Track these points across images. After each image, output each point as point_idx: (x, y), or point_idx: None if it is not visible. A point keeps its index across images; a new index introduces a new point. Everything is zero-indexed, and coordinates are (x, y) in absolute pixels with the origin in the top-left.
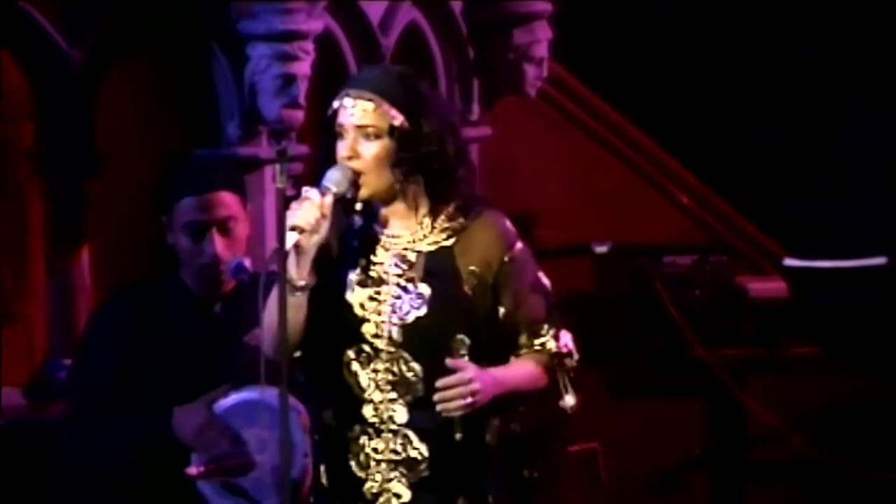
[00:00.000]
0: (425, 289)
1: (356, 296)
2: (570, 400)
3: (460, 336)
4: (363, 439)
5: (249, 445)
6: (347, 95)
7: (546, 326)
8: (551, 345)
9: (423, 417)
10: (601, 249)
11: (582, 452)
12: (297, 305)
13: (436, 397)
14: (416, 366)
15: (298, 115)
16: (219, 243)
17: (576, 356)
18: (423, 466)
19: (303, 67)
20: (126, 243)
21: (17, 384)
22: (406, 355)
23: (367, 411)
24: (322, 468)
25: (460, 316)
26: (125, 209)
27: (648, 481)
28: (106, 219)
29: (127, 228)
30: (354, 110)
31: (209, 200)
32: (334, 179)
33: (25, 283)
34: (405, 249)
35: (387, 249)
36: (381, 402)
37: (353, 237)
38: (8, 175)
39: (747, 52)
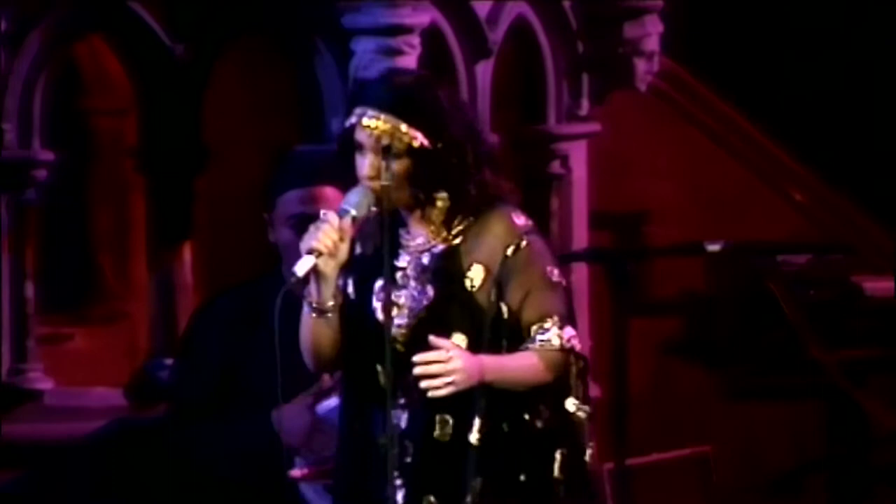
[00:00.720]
0: (430, 290)
1: (381, 302)
2: (577, 406)
3: (459, 335)
4: (385, 447)
5: None
6: (365, 114)
7: (550, 321)
8: (556, 341)
9: (418, 421)
10: (714, 248)
11: (694, 455)
12: (326, 326)
13: (416, 371)
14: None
15: None
16: None
17: (582, 358)
18: (414, 468)
19: (408, 62)
20: (229, 240)
21: (118, 384)
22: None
23: (392, 417)
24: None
25: (461, 314)
26: (229, 206)
27: (764, 484)
28: (209, 215)
29: (230, 225)
30: (374, 131)
31: (314, 194)
32: (354, 202)
33: (127, 281)
34: (421, 252)
35: (409, 254)
36: (401, 406)
37: (383, 247)
38: (110, 171)
39: (863, 46)
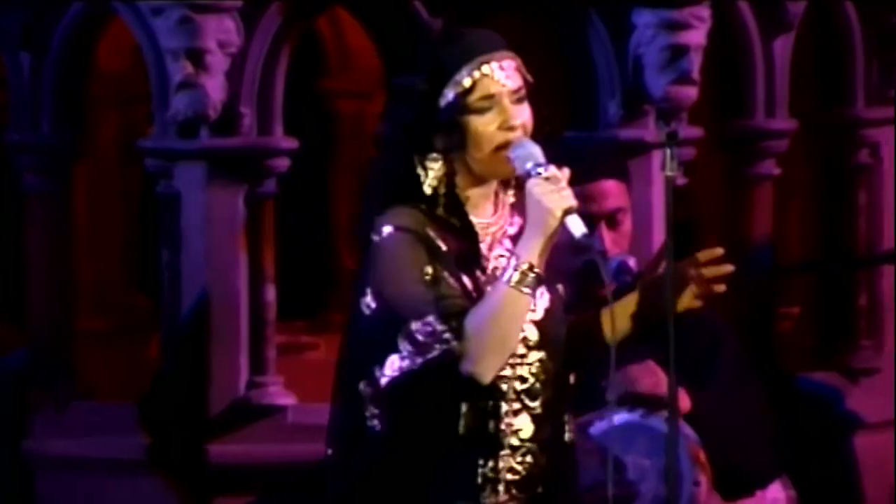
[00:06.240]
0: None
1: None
2: None
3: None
4: (480, 460)
5: (628, 473)
6: (492, 60)
7: None
8: None
9: (547, 427)
10: None
11: None
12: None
13: None
14: (551, 366)
15: (690, 93)
16: (607, 238)
17: None
18: (539, 481)
19: (696, 37)
20: None
21: None
22: (542, 356)
23: (491, 427)
24: None
25: (562, 300)
26: None
27: None
28: None
29: None
30: (508, 72)
31: (595, 190)
32: (540, 153)
33: None
34: (503, 236)
35: (487, 238)
36: (505, 413)
37: (458, 232)
38: (352, 160)
39: None
